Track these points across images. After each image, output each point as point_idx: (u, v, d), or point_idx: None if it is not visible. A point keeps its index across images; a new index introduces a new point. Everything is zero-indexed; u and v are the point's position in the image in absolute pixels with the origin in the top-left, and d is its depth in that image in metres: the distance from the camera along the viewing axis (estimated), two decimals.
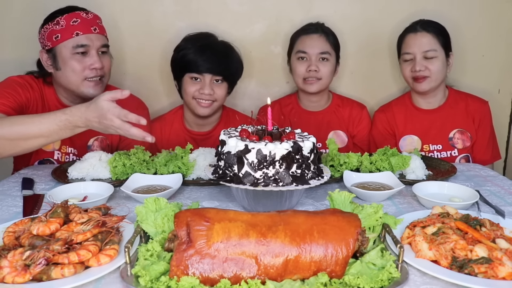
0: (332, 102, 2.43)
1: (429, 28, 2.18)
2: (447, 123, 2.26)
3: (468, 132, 2.25)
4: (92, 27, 1.94)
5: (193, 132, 2.31)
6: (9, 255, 1.02)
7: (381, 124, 2.37)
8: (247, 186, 1.28)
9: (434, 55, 2.15)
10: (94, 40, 1.94)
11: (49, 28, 1.92)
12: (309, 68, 2.24)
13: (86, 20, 1.94)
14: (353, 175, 1.68)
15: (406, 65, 2.21)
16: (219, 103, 2.18)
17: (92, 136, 2.12)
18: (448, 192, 1.58)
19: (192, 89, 2.12)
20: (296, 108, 2.43)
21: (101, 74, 1.98)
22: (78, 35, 1.91)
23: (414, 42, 2.17)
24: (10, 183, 1.72)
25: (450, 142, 2.25)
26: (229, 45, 2.21)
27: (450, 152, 2.24)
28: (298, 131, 1.47)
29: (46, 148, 2.06)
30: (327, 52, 2.27)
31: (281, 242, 1.00)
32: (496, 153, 2.33)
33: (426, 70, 2.15)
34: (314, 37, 2.28)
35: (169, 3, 2.47)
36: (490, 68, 2.61)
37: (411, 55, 2.18)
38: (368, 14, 2.52)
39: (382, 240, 1.16)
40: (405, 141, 2.31)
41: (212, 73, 2.10)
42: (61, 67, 1.94)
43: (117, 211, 1.31)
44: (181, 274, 0.97)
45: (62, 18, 1.90)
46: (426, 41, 2.16)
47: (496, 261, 1.03)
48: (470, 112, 2.26)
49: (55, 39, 1.91)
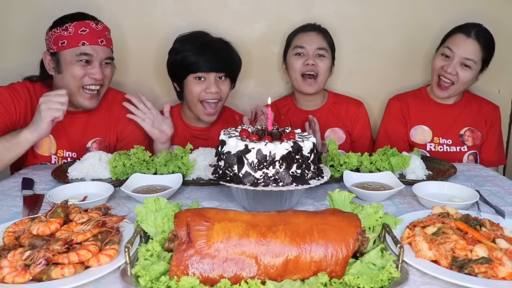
0: (328, 100, 2.44)
1: (480, 39, 2.14)
2: (459, 120, 2.28)
3: (479, 131, 2.28)
4: (99, 39, 1.95)
5: (191, 127, 2.31)
6: (9, 255, 1.02)
7: (394, 111, 2.38)
8: (247, 186, 1.28)
9: (471, 65, 2.14)
10: (99, 52, 1.95)
11: (57, 32, 1.92)
12: (306, 62, 2.25)
13: (95, 31, 1.94)
14: (353, 175, 1.68)
15: (441, 60, 2.19)
16: (223, 102, 2.20)
17: (90, 139, 2.12)
18: (448, 192, 1.58)
19: (198, 90, 2.11)
20: (293, 109, 2.44)
21: (100, 84, 1.99)
22: (84, 44, 1.91)
23: (461, 44, 2.14)
24: (10, 183, 1.72)
25: (461, 139, 2.28)
26: (226, 42, 2.22)
27: (459, 148, 2.27)
28: (298, 131, 1.47)
29: (43, 152, 2.06)
30: (324, 48, 2.28)
31: (281, 242, 1.00)
32: (502, 157, 2.36)
33: (455, 76, 2.16)
34: (312, 35, 2.30)
35: (169, 3, 2.47)
36: (490, 68, 2.61)
37: (451, 53, 2.15)
38: (368, 14, 2.52)
39: (382, 240, 1.16)
40: (417, 131, 2.32)
41: (216, 71, 2.10)
42: (63, 71, 1.95)
43: (117, 211, 1.31)
44: (181, 274, 0.97)
45: (71, 25, 1.91)
46: (472, 49, 2.13)
47: (496, 261, 1.03)
48: (483, 114, 2.29)
49: (61, 44, 1.91)
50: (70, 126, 2.08)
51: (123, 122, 2.15)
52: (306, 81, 2.29)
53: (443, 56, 2.19)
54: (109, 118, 2.15)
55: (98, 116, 2.13)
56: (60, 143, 2.08)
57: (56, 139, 2.07)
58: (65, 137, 2.08)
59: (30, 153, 2.06)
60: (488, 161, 2.28)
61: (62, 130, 2.06)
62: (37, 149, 2.06)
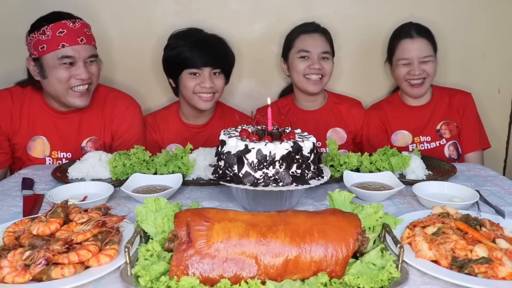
0: (328, 100, 2.45)
1: (423, 34, 2.26)
2: (434, 117, 2.36)
3: (454, 122, 2.35)
4: (78, 38, 1.90)
5: (188, 125, 2.33)
6: (9, 255, 1.02)
7: (373, 120, 2.42)
8: (247, 186, 1.28)
9: (431, 59, 2.25)
10: (81, 51, 1.91)
11: (35, 37, 1.89)
12: (312, 66, 2.26)
13: (73, 31, 1.89)
14: (353, 175, 1.67)
15: (401, 68, 2.28)
16: (219, 94, 2.22)
17: (84, 138, 2.11)
18: (448, 192, 1.58)
19: (192, 84, 2.14)
20: (293, 109, 2.44)
21: (88, 82, 1.96)
22: (64, 46, 1.87)
23: (412, 48, 2.25)
24: (10, 183, 1.71)
25: (438, 134, 2.35)
26: (220, 38, 2.24)
27: (439, 142, 2.34)
28: (298, 131, 1.47)
29: (37, 155, 2.06)
30: (328, 51, 2.30)
31: (281, 242, 1.00)
32: (484, 140, 2.40)
33: (424, 73, 2.24)
34: (315, 37, 2.30)
35: (169, 3, 2.47)
36: (490, 68, 2.61)
37: (409, 60, 2.25)
38: (368, 14, 2.52)
39: (382, 240, 1.16)
40: (397, 136, 2.39)
41: (211, 66, 2.13)
42: (48, 75, 1.93)
43: (117, 211, 1.31)
44: (181, 274, 0.97)
45: (48, 28, 1.87)
46: (423, 46, 2.25)
47: (496, 261, 1.03)
48: (454, 105, 2.36)
49: (41, 49, 1.88)
50: (63, 127, 2.07)
51: (117, 119, 2.14)
52: (310, 81, 2.29)
53: (403, 64, 2.27)
54: (102, 116, 2.13)
55: (91, 114, 2.11)
56: (54, 145, 2.07)
57: (49, 141, 2.06)
58: (59, 138, 2.07)
59: (25, 156, 2.06)
60: (468, 145, 2.35)
61: (55, 131, 2.05)
62: (30, 152, 2.06)
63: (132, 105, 2.20)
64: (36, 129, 2.06)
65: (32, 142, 2.06)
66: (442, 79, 2.51)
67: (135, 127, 2.15)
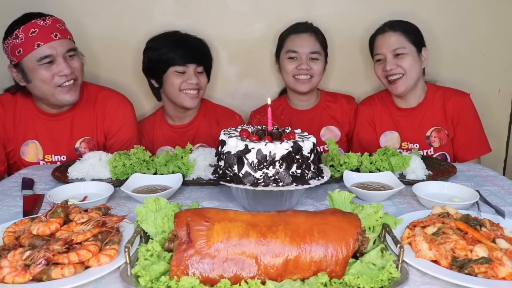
0: (321, 99, 2.45)
1: (396, 27, 2.20)
2: (424, 122, 2.27)
3: (445, 129, 2.24)
4: (52, 34, 1.88)
5: (174, 126, 2.36)
6: (9, 255, 1.02)
7: (363, 117, 2.38)
8: (247, 186, 1.28)
9: (403, 51, 2.16)
10: (57, 47, 1.89)
11: (10, 43, 1.88)
12: (299, 67, 2.26)
13: (45, 28, 1.88)
14: (353, 175, 1.67)
15: (378, 65, 2.24)
16: (203, 91, 2.27)
17: (77, 139, 2.10)
18: (448, 192, 1.58)
19: (178, 81, 2.17)
20: (287, 109, 2.44)
21: (73, 77, 1.95)
22: (40, 46, 1.86)
23: (383, 43, 2.20)
24: (10, 183, 1.71)
25: (427, 141, 2.26)
26: (199, 38, 2.30)
27: (426, 151, 2.25)
28: (298, 131, 1.47)
29: (30, 159, 2.06)
30: (317, 52, 2.29)
31: (281, 242, 1.00)
32: (484, 145, 2.27)
33: (398, 68, 2.16)
34: (304, 37, 2.29)
35: (169, 3, 2.47)
36: (490, 68, 2.61)
37: (381, 56, 2.21)
38: (368, 14, 2.52)
39: (382, 240, 1.16)
40: (386, 137, 2.32)
41: (195, 63, 2.18)
42: (31, 79, 1.91)
43: (117, 211, 1.31)
44: (181, 274, 0.97)
45: (20, 31, 1.85)
46: (394, 39, 2.18)
47: (496, 261, 1.03)
48: (449, 109, 2.24)
49: (18, 53, 1.87)
50: (55, 129, 2.06)
51: (109, 118, 2.13)
52: (299, 81, 2.29)
53: (378, 62, 2.23)
54: (94, 115, 2.12)
55: (82, 114, 2.10)
56: (47, 148, 2.06)
57: (42, 145, 2.06)
58: (51, 141, 2.06)
59: (19, 161, 2.06)
60: (465, 153, 2.23)
61: (48, 135, 2.05)
62: (24, 157, 2.06)
63: (123, 103, 2.19)
64: (28, 134, 2.06)
65: (25, 146, 2.06)
66: (442, 79, 2.50)
67: (128, 125, 2.14)
